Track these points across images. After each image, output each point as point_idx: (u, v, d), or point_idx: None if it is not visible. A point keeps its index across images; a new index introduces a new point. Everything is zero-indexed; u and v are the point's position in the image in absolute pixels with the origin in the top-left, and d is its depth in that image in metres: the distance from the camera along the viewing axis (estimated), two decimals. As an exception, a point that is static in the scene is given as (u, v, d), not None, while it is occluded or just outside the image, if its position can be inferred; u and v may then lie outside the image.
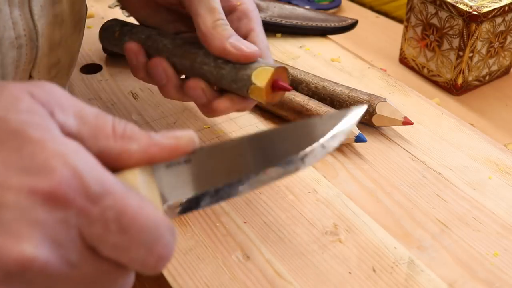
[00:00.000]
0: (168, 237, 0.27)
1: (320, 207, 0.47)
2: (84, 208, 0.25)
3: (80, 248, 0.26)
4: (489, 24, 0.64)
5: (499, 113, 0.66)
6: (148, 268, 0.27)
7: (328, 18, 0.74)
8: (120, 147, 0.29)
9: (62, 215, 0.25)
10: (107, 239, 0.26)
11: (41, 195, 0.25)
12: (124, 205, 0.26)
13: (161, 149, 0.30)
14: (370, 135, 0.55)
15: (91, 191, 0.26)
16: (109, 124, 0.29)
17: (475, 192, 0.49)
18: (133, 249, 0.26)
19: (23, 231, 0.24)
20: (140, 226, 0.26)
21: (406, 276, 0.42)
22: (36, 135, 0.26)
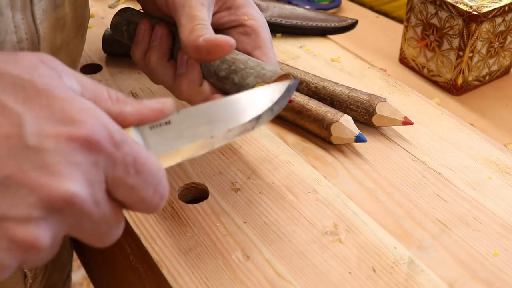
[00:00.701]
0: (165, 181, 0.33)
1: (320, 207, 0.47)
2: (111, 153, 0.30)
3: (103, 190, 0.30)
4: (489, 24, 0.64)
5: (499, 113, 0.66)
6: (152, 206, 0.32)
7: (328, 18, 0.74)
8: (117, 109, 0.33)
9: (94, 159, 0.29)
10: (126, 181, 0.30)
11: (78, 141, 0.29)
12: (138, 152, 0.31)
13: (151, 110, 0.35)
14: (370, 135, 0.55)
15: (115, 139, 0.30)
16: (105, 90, 0.34)
17: (475, 192, 0.49)
18: (144, 189, 0.31)
19: (66, 171, 0.28)
20: (149, 169, 0.31)
21: (406, 276, 0.42)
22: (62, 94, 0.30)
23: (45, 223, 0.28)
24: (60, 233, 0.30)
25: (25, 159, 0.27)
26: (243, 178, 0.50)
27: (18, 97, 0.29)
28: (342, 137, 0.53)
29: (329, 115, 0.53)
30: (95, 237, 0.31)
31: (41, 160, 0.28)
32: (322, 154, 0.53)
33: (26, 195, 0.27)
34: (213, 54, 0.41)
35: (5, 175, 0.27)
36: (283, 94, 0.40)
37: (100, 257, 0.67)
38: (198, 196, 0.50)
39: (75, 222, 0.29)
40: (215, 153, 0.53)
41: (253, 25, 0.46)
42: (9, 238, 0.27)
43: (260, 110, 0.38)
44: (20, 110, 0.28)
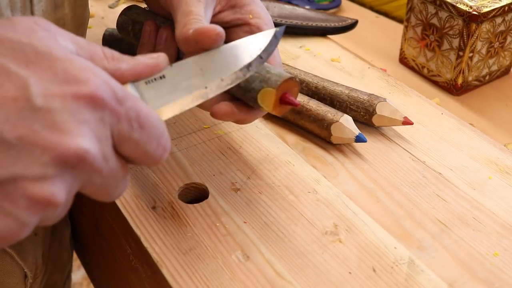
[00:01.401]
0: (166, 133, 0.34)
1: (320, 207, 0.47)
2: (115, 108, 0.31)
3: (110, 145, 0.31)
4: (489, 24, 0.64)
5: (499, 113, 0.66)
6: (156, 158, 0.33)
7: (328, 18, 0.74)
8: (113, 66, 0.34)
9: (100, 115, 0.30)
10: (131, 135, 0.31)
11: (83, 99, 0.29)
12: (139, 106, 0.32)
13: (146, 65, 0.36)
14: (370, 135, 0.55)
15: (118, 95, 0.31)
16: (99, 49, 0.34)
17: (475, 192, 0.49)
18: (148, 142, 0.32)
19: (75, 129, 0.29)
20: (152, 123, 0.32)
21: (406, 276, 0.42)
22: (61, 55, 0.30)
23: (59, 179, 0.29)
24: (73, 189, 0.31)
25: (35, 119, 0.28)
26: (243, 178, 0.50)
27: (20, 61, 0.29)
28: (342, 137, 0.53)
29: (329, 115, 0.53)
30: (103, 191, 0.32)
31: (50, 120, 0.28)
32: (322, 154, 0.53)
33: (40, 154, 0.28)
34: (200, 43, 0.40)
35: (17, 137, 0.28)
36: (270, 41, 0.41)
37: (100, 257, 0.67)
38: (198, 196, 0.50)
39: (87, 178, 0.30)
40: (215, 153, 0.53)
41: (258, 23, 0.46)
42: (27, 196, 0.28)
43: (250, 58, 0.40)
44: (23, 73, 0.29)
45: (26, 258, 0.55)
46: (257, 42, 0.41)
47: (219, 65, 0.39)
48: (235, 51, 0.41)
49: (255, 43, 0.41)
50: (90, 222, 0.63)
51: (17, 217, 0.28)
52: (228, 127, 0.56)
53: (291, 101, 0.43)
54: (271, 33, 0.42)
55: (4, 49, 0.30)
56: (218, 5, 0.46)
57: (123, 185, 0.34)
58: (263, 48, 0.41)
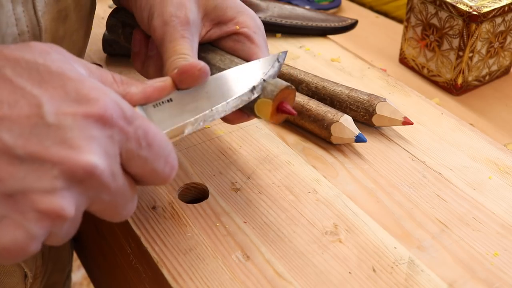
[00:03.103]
0: (174, 153, 0.35)
1: (320, 207, 0.47)
2: (124, 127, 0.32)
3: (118, 163, 0.32)
4: (489, 24, 0.65)
5: (499, 113, 0.66)
6: (164, 176, 0.34)
7: (328, 18, 0.74)
8: (122, 90, 0.36)
9: (109, 133, 0.31)
10: (139, 153, 0.33)
11: (93, 117, 0.31)
12: (148, 126, 0.33)
13: (155, 89, 0.38)
14: (370, 135, 0.55)
15: (126, 114, 0.32)
16: (109, 74, 0.36)
17: (475, 192, 0.49)
18: (156, 160, 0.33)
19: (84, 144, 0.30)
20: (159, 142, 0.34)
21: (406, 276, 0.42)
22: (74, 75, 0.32)
23: (68, 193, 0.30)
24: (82, 205, 0.31)
25: (47, 136, 0.29)
26: (243, 178, 0.50)
27: (34, 81, 0.31)
28: (342, 137, 0.53)
29: (329, 115, 0.53)
30: (112, 210, 0.33)
31: (61, 136, 0.30)
32: (322, 154, 0.53)
33: (50, 168, 0.29)
34: (185, 82, 0.40)
35: (29, 152, 0.29)
36: (273, 65, 0.43)
37: (100, 257, 0.67)
38: (198, 196, 0.50)
39: (95, 194, 0.31)
40: (215, 153, 0.53)
41: (245, 32, 0.46)
42: (36, 209, 0.29)
43: (254, 81, 0.41)
44: (37, 92, 0.30)
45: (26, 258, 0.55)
46: (261, 66, 0.43)
47: (224, 88, 0.41)
48: (240, 75, 0.42)
49: (258, 67, 0.43)
50: (90, 222, 0.63)
51: (26, 229, 0.29)
52: (228, 127, 0.56)
53: (288, 110, 0.42)
54: (274, 58, 0.43)
55: (20, 69, 0.31)
56: (204, 29, 0.46)
57: (132, 206, 0.34)
58: (267, 72, 0.42)
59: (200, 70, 0.40)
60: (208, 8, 0.46)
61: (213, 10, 0.46)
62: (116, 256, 0.57)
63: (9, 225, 0.29)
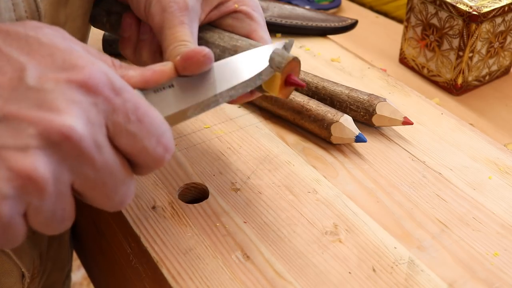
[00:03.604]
0: (170, 134, 0.33)
1: (320, 207, 0.47)
2: (110, 97, 0.31)
3: (104, 134, 0.31)
4: (489, 24, 0.65)
5: (499, 113, 0.66)
6: (156, 157, 0.32)
7: (328, 18, 0.74)
8: (121, 73, 0.35)
9: (93, 100, 0.30)
10: (127, 127, 0.31)
11: (76, 83, 0.30)
12: (139, 101, 0.32)
13: (154, 72, 0.36)
14: (370, 135, 0.55)
15: (114, 85, 0.31)
16: (109, 58, 0.35)
17: (475, 192, 0.49)
18: (146, 137, 0.32)
19: (64, 107, 0.29)
20: (152, 119, 0.32)
21: (406, 276, 0.42)
22: (64, 45, 0.32)
23: (43, 154, 0.29)
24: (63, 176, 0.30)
25: (26, 98, 0.29)
26: (243, 178, 0.50)
27: (23, 50, 0.31)
28: (342, 137, 0.53)
29: (329, 115, 0.53)
30: (101, 191, 0.31)
31: (40, 98, 0.29)
32: (322, 154, 0.53)
33: (25, 127, 0.29)
34: (189, 68, 0.39)
35: (5, 112, 0.29)
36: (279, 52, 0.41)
37: (100, 257, 0.67)
38: (198, 196, 0.50)
39: (77, 165, 0.30)
40: (215, 153, 0.53)
41: (244, 10, 0.46)
42: (7, 166, 0.28)
43: (261, 66, 0.40)
44: (23, 59, 0.30)
45: (24, 258, 0.54)
46: (268, 51, 0.41)
47: (230, 74, 0.39)
48: (246, 60, 0.41)
49: (266, 53, 0.41)
50: (90, 221, 0.63)
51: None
52: (228, 127, 0.56)
53: (296, 82, 0.42)
54: (281, 44, 0.42)
55: (10, 39, 0.31)
56: (203, 13, 0.45)
57: (125, 190, 0.32)
58: (274, 57, 0.41)
59: (205, 56, 0.39)
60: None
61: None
62: (116, 256, 0.57)
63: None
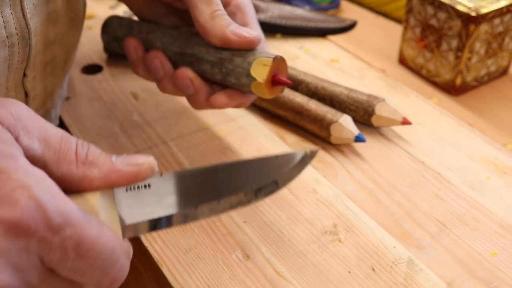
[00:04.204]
0: (123, 261, 0.30)
1: (319, 207, 0.48)
2: (45, 237, 0.27)
3: (40, 271, 0.28)
4: (487, 25, 0.65)
5: (498, 114, 0.66)
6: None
7: (327, 19, 0.75)
8: (81, 173, 0.31)
9: (23, 244, 0.27)
10: (65, 264, 0.28)
11: (4, 225, 0.26)
12: (83, 235, 0.28)
13: (121, 175, 0.31)
14: (369, 135, 0.56)
15: (52, 223, 0.27)
16: (73, 148, 0.31)
17: (473, 192, 0.50)
18: (89, 273, 0.28)
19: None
20: (98, 253, 0.28)
21: (405, 275, 0.42)
22: (2, 165, 0.27)
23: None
24: None
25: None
26: (243, 178, 0.50)
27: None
28: (341, 137, 0.53)
29: (328, 115, 0.54)
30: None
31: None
32: (322, 154, 0.54)
33: None
34: (242, 46, 0.43)
35: None
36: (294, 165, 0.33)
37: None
38: (198, 196, 0.50)
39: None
40: (215, 153, 0.53)
41: (238, 3, 0.47)
42: None
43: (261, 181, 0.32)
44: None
45: None
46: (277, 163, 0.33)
47: (220, 183, 0.32)
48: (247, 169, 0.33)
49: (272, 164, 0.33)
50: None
51: None
52: (228, 127, 0.57)
53: (283, 81, 0.42)
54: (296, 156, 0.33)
55: None
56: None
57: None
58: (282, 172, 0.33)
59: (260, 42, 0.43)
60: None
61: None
62: (116, 256, 0.57)
63: None
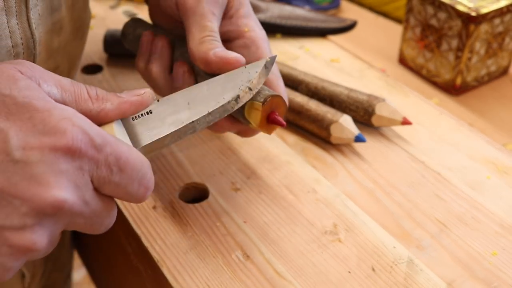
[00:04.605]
0: (150, 172, 0.34)
1: (319, 207, 0.48)
2: (93, 156, 0.31)
3: (91, 189, 0.32)
4: (487, 25, 0.65)
5: (498, 113, 0.66)
6: (138, 198, 0.34)
7: (327, 19, 0.75)
8: (97, 107, 0.35)
9: (78, 164, 0.31)
10: (111, 179, 0.32)
11: (60, 150, 0.30)
12: (120, 151, 0.33)
13: (130, 104, 0.37)
14: (369, 135, 0.56)
15: (96, 143, 0.32)
16: (84, 89, 0.35)
17: (473, 192, 0.50)
18: (128, 184, 0.33)
19: (52, 180, 0.30)
20: (133, 165, 0.33)
21: (405, 275, 0.42)
22: (41, 105, 0.31)
23: (39, 227, 0.30)
24: (56, 233, 0.32)
25: (14, 172, 0.29)
26: (243, 178, 0.50)
27: (1, 113, 0.30)
28: (341, 137, 0.53)
29: (328, 115, 0.54)
30: (89, 229, 0.34)
31: (28, 172, 0.29)
32: (322, 154, 0.54)
33: (19, 205, 0.29)
34: (222, 70, 0.41)
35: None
36: (260, 72, 0.41)
37: (101, 257, 0.67)
38: (198, 196, 0.50)
39: (69, 221, 0.32)
40: (215, 153, 0.53)
41: (252, 37, 0.46)
42: (8, 245, 0.30)
43: (238, 90, 0.39)
44: (3, 125, 0.30)
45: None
46: (247, 73, 0.41)
47: (206, 98, 0.39)
48: (224, 83, 0.40)
49: (244, 75, 0.40)
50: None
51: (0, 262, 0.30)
52: (228, 127, 0.57)
53: (277, 121, 0.41)
54: (261, 64, 0.41)
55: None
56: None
57: (109, 221, 0.35)
58: (252, 79, 0.40)
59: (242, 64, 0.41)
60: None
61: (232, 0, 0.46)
62: (116, 256, 0.57)
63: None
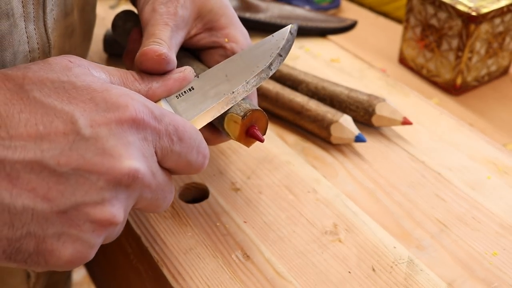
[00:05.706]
0: (204, 141, 0.36)
1: (319, 207, 0.48)
2: (155, 127, 0.33)
3: (155, 161, 0.34)
4: (488, 25, 0.65)
5: (498, 114, 0.66)
6: (198, 165, 0.36)
7: (327, 18, 0.75)
8: (145, 86, 0.38)
9: (142, 135, 0.33)
10: (173, 149, 0.34)
11: (126, 123, 0.32)
12: (176, 122, 0.35)
13: (175, 81, 0.39)
14: (369, 135, 0.56)
15: (155, 114, 0.34)
16: (128, 73, 0.38)
17: (474, 192, 0.50)
18: (189, 152, 0.35)
19: (124, 151, 0.31)
20: (190, 134, 0.35)
21: (405, 275, 0.42)
22: (98, 86, 0.33)
23: (116, 200, 0.32)
24: (129, 207, 0.33)
25: (86, 149, 0.31)
26: (243, 178, 0.50)
27: (63, 98, 0.32)
28: (341, 137, 0.53)
29: (328, 115, 0.54)
30: (154, 205, 0.35)
31: (100, 147, 0.31)
32: (322, 154, 0.54)
33: (96, 180, 0.31)
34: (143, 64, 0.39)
35: (73, 168, 0.30)
36: (287, 38, 0.43)
37: (101, 257, 0.67)
38: (199, 196, 0.50)
39: (139, 195, 0.33)
40: (215, 153, 0.53)
41: (233, 48, 0.45)
42: (90, 220, 0.31)
43: (270, 57, 0.42)
44: (68, 108, 0.31)
45: None
46: (275, 41, 0.43)
47: (242, 69, 0.42)
48: (256, 53, 0.43)
49: (273, 43, 0.43)
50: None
51: (85, 240, 0.31)
52: (228, 127, 0.57)
53: (256, 135, 0.41)
54: (286, 31, 0.44)
55: (47, 89, 0.32)
56: (194, 28, 0.45)
57: (170, 197, 0.36)
58: (281, 46, 0.43)
59: (160, 56, 0.39)
60: (204, 10, 0.45)
61: (208, 13, 0.45)
62: (116, 256, 0.57)
63: (68, 241, 0.31)
